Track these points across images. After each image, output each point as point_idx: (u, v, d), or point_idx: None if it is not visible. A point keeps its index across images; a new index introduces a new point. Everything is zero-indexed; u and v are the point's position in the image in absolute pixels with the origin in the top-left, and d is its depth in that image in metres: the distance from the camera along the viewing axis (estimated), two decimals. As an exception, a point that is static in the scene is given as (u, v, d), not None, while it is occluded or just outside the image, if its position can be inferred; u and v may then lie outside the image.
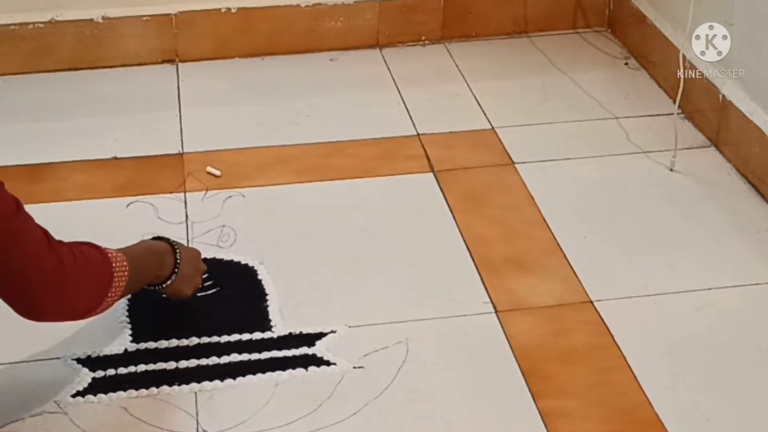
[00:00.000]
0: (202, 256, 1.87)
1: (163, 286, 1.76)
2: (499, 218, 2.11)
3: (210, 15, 2.65)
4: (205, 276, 1.86)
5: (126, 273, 1.60)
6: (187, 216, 2.11)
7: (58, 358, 1.76)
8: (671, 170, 2.25)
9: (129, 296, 1.84)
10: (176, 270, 1.75)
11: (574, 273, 1.96)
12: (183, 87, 2.57)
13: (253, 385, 1.72)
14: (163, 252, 1.75)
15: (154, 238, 1.81)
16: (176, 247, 1.77)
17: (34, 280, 1.48)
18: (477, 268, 1.97)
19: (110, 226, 2.07)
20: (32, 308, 1.51)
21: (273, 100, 2.52)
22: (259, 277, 1.95)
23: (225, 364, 1.75)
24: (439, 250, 2.02)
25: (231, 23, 2.66)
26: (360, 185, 2.21)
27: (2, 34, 2.56)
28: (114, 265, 1.58)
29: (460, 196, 2.17)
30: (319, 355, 1.77)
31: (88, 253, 1.56)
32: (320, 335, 1.81)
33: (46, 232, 1.51)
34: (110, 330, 1.82)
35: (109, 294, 1.58)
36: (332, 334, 1.82)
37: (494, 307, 1.88)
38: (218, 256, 1.99)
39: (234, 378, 1.73)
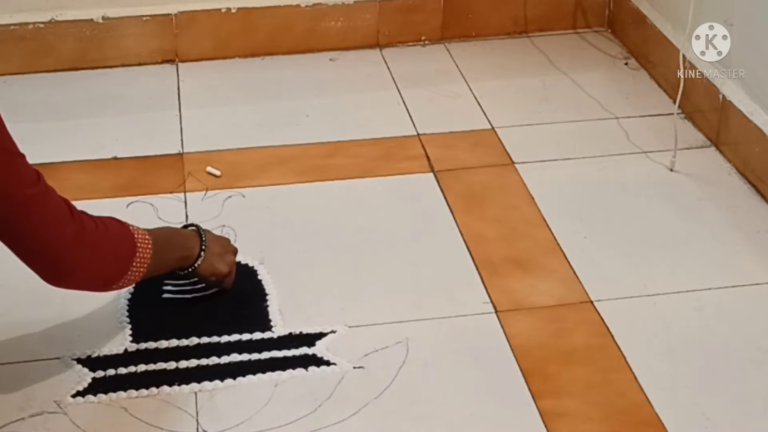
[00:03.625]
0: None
1: (196, 266, 1.79)
2: (499, 218, 2.11)
3: (210, 15, 2.65)
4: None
5: (149, 247, 1.66)
6: (187, 216, 2.11)
7: (58, 358, 1.76)
8: (671, 170, 2.25)
9: (128, 292, 1.86)
10: (203, 247, 1.79)
11: (574, 273, 1.96)
12: (183, 87, 2.57)
13: (253, 385, 1.72)
14: (188, 233, 1.82)
15: (183, 227, 1.87)
16: (201, 228, 1.83)
17: (55, 243, 1.54)
18: (477, 268, 1.97)
19: (110, 226, 2.07)
20: (57, 271, 1.58)
21: (273, 100, 2.52)
22: (259, 277, 1.94)
23: (225, 364, 1.75)
24: (439, 250, 2.02)
25: (231, 23, 2.66)
26: (360, 185, 2.21)
27: (2, 34, 2.56)
28: (136, 236, 1.65)
29: (460, 196, 2.17)
30: (319, 355, 1.77)
31: (110, 224, 1.63)
32: (320, 335, 1.81)
33: (68, 202, 1.58)
34: (110, 330, 1.82)
35: (134, 264, 1.64)
36: (332, 334, 1.81)
37: (494, 307, 1.88)
38: (218, 256, 1.99)
39: (234, 378, 1.73)
